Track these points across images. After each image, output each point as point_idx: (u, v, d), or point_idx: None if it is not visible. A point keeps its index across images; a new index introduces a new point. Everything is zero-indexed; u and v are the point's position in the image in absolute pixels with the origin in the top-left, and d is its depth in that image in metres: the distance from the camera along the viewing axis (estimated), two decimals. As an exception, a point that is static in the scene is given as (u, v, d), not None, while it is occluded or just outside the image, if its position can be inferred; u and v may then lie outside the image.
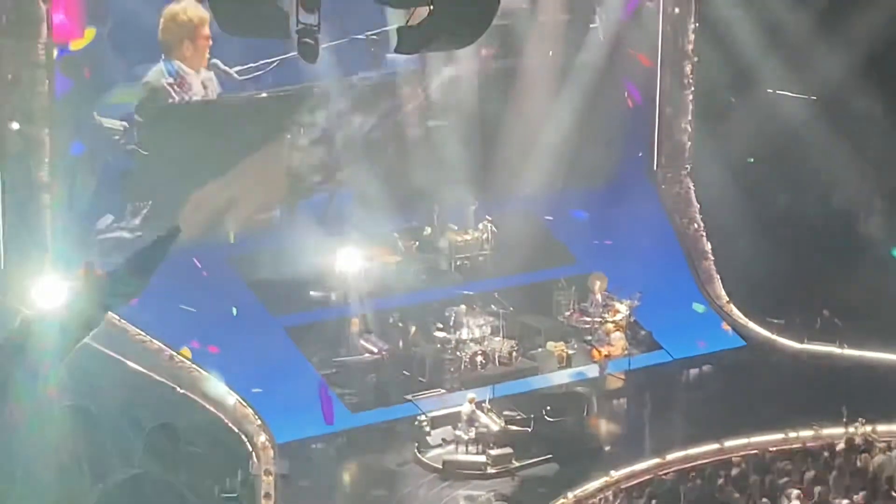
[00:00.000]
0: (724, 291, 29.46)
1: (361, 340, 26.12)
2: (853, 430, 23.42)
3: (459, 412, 24.25)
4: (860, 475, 22.02)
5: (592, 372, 26.94)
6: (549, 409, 24.74)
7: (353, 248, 27.61)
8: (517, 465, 23.67)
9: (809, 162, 29.90)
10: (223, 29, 14.24)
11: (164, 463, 14.08)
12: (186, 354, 24.65)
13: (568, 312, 28.14)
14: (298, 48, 14.56)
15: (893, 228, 30.39)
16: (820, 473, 21.96)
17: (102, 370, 22.34)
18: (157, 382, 23.47)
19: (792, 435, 23.69)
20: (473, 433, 23.92)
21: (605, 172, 29.82)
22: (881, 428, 23.61)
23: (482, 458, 23.64)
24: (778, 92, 30.76)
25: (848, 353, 27.46)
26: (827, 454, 22.69)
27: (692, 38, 30.29)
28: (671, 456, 23.29)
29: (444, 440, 24.24)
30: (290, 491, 22.29)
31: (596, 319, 27.70)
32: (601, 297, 28.01)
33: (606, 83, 29.87)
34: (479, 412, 24.16)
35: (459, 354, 26.30)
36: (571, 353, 27.25)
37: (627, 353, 27.33)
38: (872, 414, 23.74)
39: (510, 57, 29.17)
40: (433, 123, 28.13)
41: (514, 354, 26.79)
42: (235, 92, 27.04)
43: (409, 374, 26.19)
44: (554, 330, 27.86)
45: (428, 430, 24.24)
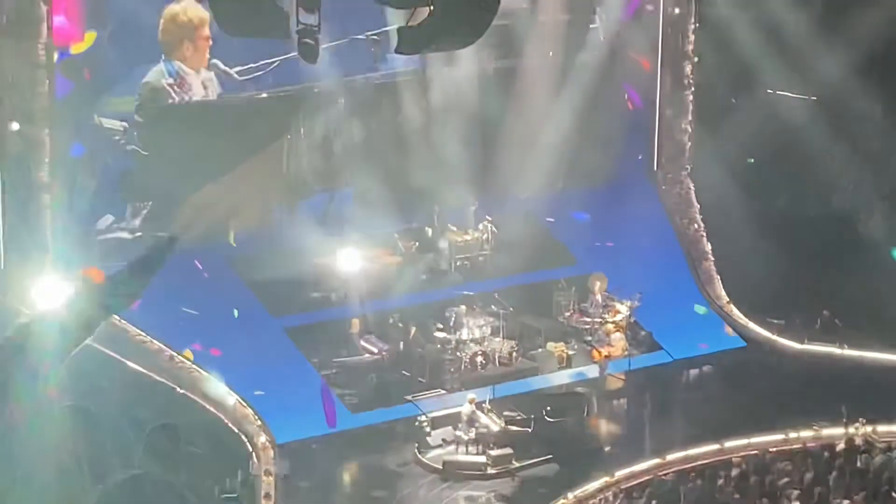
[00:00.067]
0: (724, 292, 29.44)
1: (362, 341, 26.10)
2: (853, 430, 23.42)
3: (460, 413, 24.22)
4: (860, 476, 22.00)
5: (593, 372, 26.92)
6: (549, 409, 24.69)
7: (353, 248, 27.62)
8: (517, 465, 23.64)
9: (809, 162, 29.89)
10: (223, 29, 14.25)
11: (164, 463, 14.10)
12: (188, 356, 24.64)
13: (568, 313, 28.12)
14: (298, 49, 14.57)
15: (893, 229, 30.37)
16: (820, 474, 21.95)
17: (102, 370, 22.37)
18: (157, 383, 23.44)
19: (792, 435, 23.67)
20: (474, 434, 23.89)
21: (605, 173, 29.80)
22: (881, 428, 23.61)
23: (482, 458, 23.60)
24: (778, 92, 30.75)
25: (848, 353, 27.43)
26: (827, 455, 22.67)
27: (692, 38, 30.30)
28: (671, 456, 23.27)
29: (444, 440, 24.21)
30: (290, 491, 22.27)
31: (596, 320, 27.68)
32: (601, 297, 27.99)
33: (607, 83, 29.87)
34: (479, 413, 24.13)
35: (459, 355, 26.28)
36: (571, 353, 27.24)
37: (627, 353, 27.31)
38: (873, 414, 23.74)
39: (510, 57, 29.15)
40: (433, 124, 28.09)
41: (514, 355, 26.77)
42: (235, 92, 27.02)
43: (409, 374, 26.17)
44: (554, 330, 27.84)
45: (428, 430, 24.20)
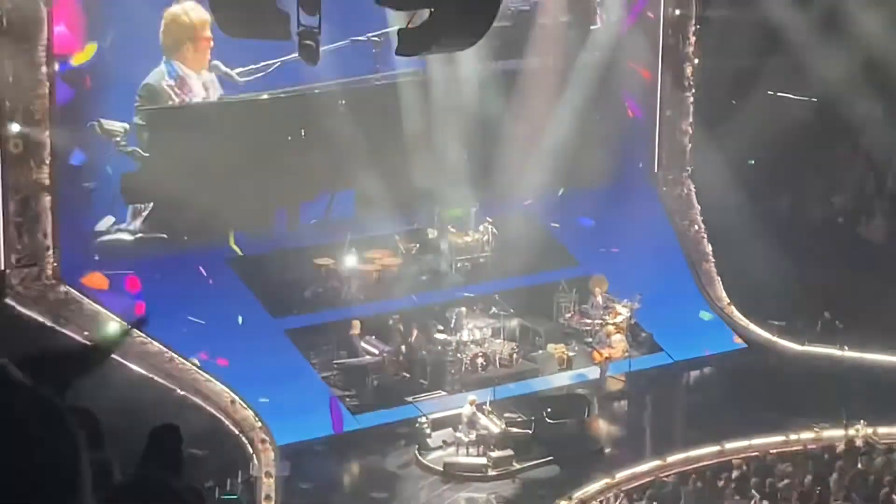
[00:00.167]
0: (724, 293, 29.46)
1: (362, 342, 26.08)
2: (854, 432, 23.42)
3: (460, 414, 24.21)
4: (861, 477, 22.00)
5: (593, 374, 26.91)
6: (549, 411, 24.68)
7: (353, 249, 27.63)
8: (518, 467, 23.64)
9: (810, 164, 29.89)
10: (224, 31, 14.26)
11: (165, 464, 14.08)
12: (193, 364, 24.59)
13: (569, 314, 28.12)
14: (299, 50, 14.58)
15: (894, 230, 30.39)
16: (820, 476, 21.94)
17: (102, 372, 22.34)
18: (156, 384, 23.41)
19: (792, 437, 23.68)
20: (474, 435, 23.89)
21: (605, 174, 29.81)
22: (882, 430, 23.60)
23: (483, 460, 23.60)
24: (779, 94, 30.76)
25: (849, 355, 27.43)
26: (827, 456, 22.67)
27: (693, 40, 30.31)
28: (672, 458, 23.28)
29: (444, 442, 24.20)
30: (290, 493, 22.26)
31: (596, 321, 27.67)
32: (602, 299, 27.98)
33: (607, 85, 29.88)
34: (479, 414, 24.13)
35: (460, 356, 26.27)
36: (572, 355, 27.24)
37: (628, 355, 27.30)
38: (873, 416, 23.73)
39: (511, 59, 29.15)
40: (433, 125, 28.09)
41: (514, 356, 26.76)
42: (236, 94, 27.01)
43: (409, 376, 26.17)
44: (554, 332, 27.84)
45: (428, 432, 24.19)
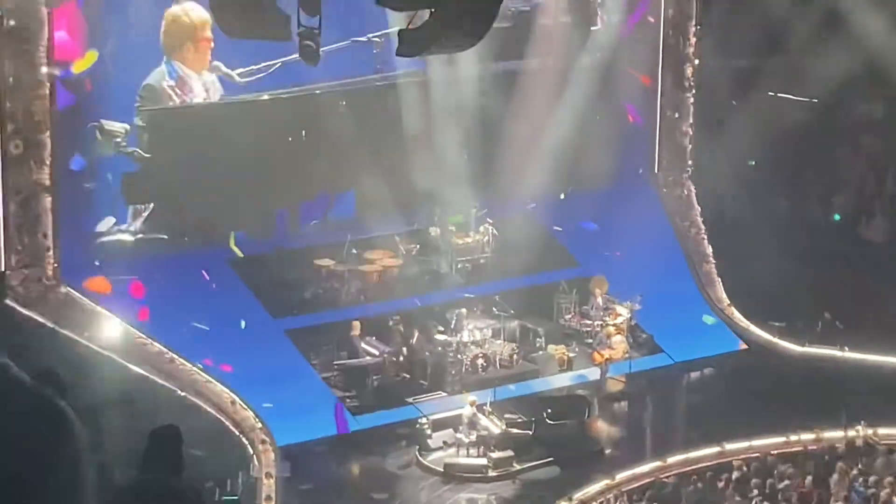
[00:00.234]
0: (724, 294, 29.44)
1: (362, 343, 26.07)
2: (854, 433, 23.41)
3: (460, 415, 24.20)
4: (861, 478, 21.98)
5: (593, 375, 26.91)
6: (549, 412, 24.68)
7: (353, 250, 27.64)
8: (518, 468, 23.63)
9: (811, 164, 29.90)
10: (224, 32, 14.27)
11: (165, 465, 14.05)
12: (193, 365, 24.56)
13: (569, 315, 28.11)
14: (300, 51, 14.60)
15: (894, 231, 30.39)
16: (821, 476, 21.94)
17: (103, 373, 22.36)
18: (157, 384, 23.40)
19: (793, 438, 23.67)
20: (474, 436, 23.88)
21: (606, 176, 29.79)
22: (882, 431, 23.60)
23: (483, 461, 23.59)
24: (779, 94, 30.76)
25: (849, 356, 27.43)
26: (828, 457, 22.67)
27: (693, 41, 30.30)
28: (672, 459, 23.28)
29: (445, 443, 24.20)
30: (290, 494, 22.26)
31: (597, 322, 27.66)
32: (602, 300, 27.98)
33: (608, 86, 29.87)
34: (480, 415, 24.12)
35: (460, 357, 26.27)
36: (572, 355, 27.23)
37: (628, 356, 27.29)
38: (873, 417, 23.73)
39: (512, 60, 29.13)
40: (434, 126, 28.07)
41: (515, 357, 26.75)
42: (237, 94, 27.00)
43: (409, 376, 26.16)
44: (555, 333, 27.83)
45: (429, 432, 24.18)
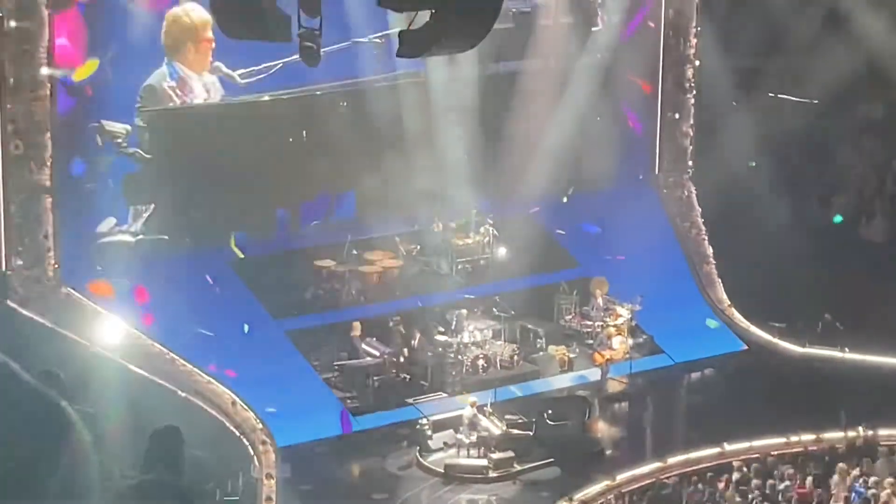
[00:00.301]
0: (725, 295, 29.45)
1: (363, 344, 26.07)
2: (855, 434, 23.41)
3: (461, 416, 24.21)
4: (862, 479, 21.98)
5: (594, 375, 26.92)
6: (550, 412, 24.68)
7: (354, 251, 27.64)
8: (519, 468, 23.62)
9: (811, 165, 29.89)
10: (224, 32, 14.21)
11: (167, 466, 14.10)
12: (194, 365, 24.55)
13: (569, 316, 28.11)
14: (300, 52, 14.55)
15: (895, 232, 30.39)
16: (821, 477, 21.94)
17: (103, 373, 22.37)
18: (158, 385, 23.39)
19: (793, 439, 23.68)
20: (475, 437, 23.89)
21: (606, 177, 29.80)
22: (883, 432, 23.60)
23: (484, 461, 23.60)
24: (780, 96, 30.76)
25: (850, 357, 27.45)
26: (828, 458, 22.67)
27: (694, 42, 30.30)
28: (672, 460, 23.29)
29: (445, 444, 24.20)
30: (291, 495, 22.26)
31: (597, 323, 27.67)
32: (602, 300, 27.98)
33: (609, 87, 29.87)
34: (480, 416, 24.12)
35: (461, 358, 26.27)
36: (573, 356, 27.23)
37: (629, 356, 27.30)
38: (874, 418, 23.73)
39: (512, 61, 29.13)
40: (435, 127, 28.08)
41: (515, 358, 26.76)
42: (238, 95, 27.00)
43: (410, 377, 26.15)
44: (555, 334, 27.84)
45: (429, 433, 24.19)
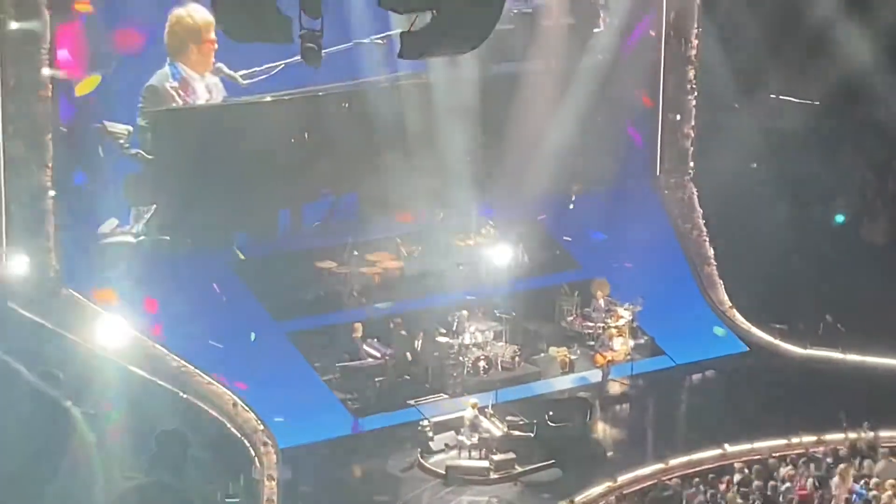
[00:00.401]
0: (726, 297, 29.45)
1: (364, 345, 26.07)
2: (856, 435, 23.40)
3: (462, 417, 24.21)
4: (862, 481, 21.97)
5: (595, 377, 26.92)
6: (551, 414, 24.67)
7: (355, 252, 27.65)
8: (520, 470, 23.62)
9: (812, 167, 29.89)
10: (226, 34, 14.25)
11: (171, 468, 14.11)
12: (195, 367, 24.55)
13: (571, 317, 28.12)
14: (301, 53, 14.57)
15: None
16: (822, 479, 21.92)
17: (105, 375, 22.37)
18: (159, 387, 23.39)
19: (794, 440, 23.67)
20: (476, 438, 23.88)
21: (608, 178, 29.81)
22: (884, 433, 23.59)
23: (485, 463, 23.59)
24: (781, 97, 30.76)
25: (851, 358, 27.44)
26: (830, 460, 22.66)
27: (695, 43, 30.31)
28: (674, 461, 23.29)
29: (446, 445, 24.20)
30: (292, 496, 22.25)
31: (599, 324, 27.67)
32: (604, 302, 27.98)
33: (610, 88, 29.87)
34: (481, 417, 24.12)
35: (462, 359, 26.27)
36: (574, 358, 27.24)
37: (630, 358, 27.30)
38: (875, 419, 23.71)
39: (513, 62, 29.14)
40: (436, 128, 28.08)
41: (516, 359, 26.76)
42: (239, 96, 27.01)
43: (411, 379, 26.15)
44: (557, 335, 27.85)
45: (431, 435, 24.19)
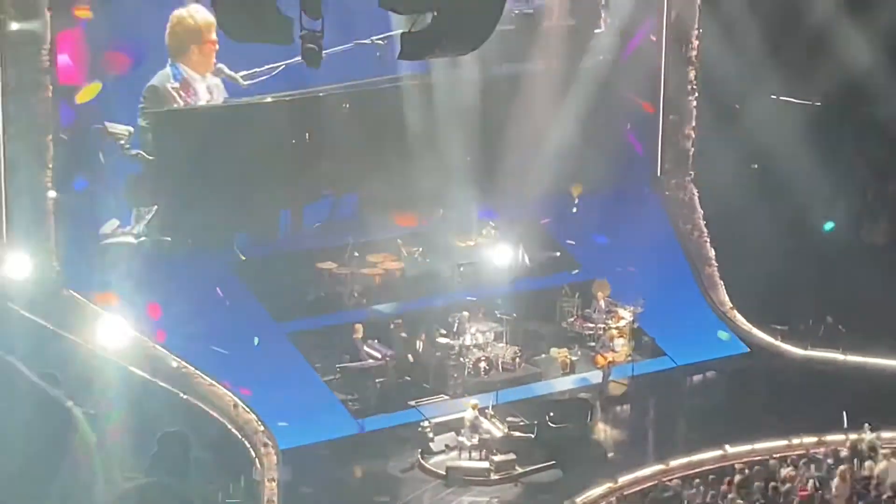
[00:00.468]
0: (727, 298, 29.45)
1: (365, 346, 26.07)
2: (857, 436, 23.40)
3: (463, 418, 24.21)
4: (864, 482, 21.98)
5: (596, 378, 26.91)
6: (552, 415, 24.67)
7: (355, 253, 27.65)
8: (520, 471, 23.61)
9: (813, 168, 29.87)
10: (227, 35, 14.27)
11: (172, 469, 14.07)
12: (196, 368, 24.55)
13: (571, 318, 28.11)
14: (302, 53, 14.58)
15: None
16: (823, 480, 21.92)
17: (105, 375, 22.37)
18: (160, 387, 23.40)
19: (795, 441, 23.67)
20: (477, 439, 23.89)
21: (609, 178, 29.81)
22: (885, 434, 23.59)
23: (485, 464, 23.59)
24: (781, 98, 30.76)
25: (851, 359, 27.45)
26: (831, 460, 22.66)
27: (696, 44, 30.31)
28: (674, 462, 23.29)
29: (447, 446, 24.21)
30: (292, 497, 22.25)
31: (599, 325, 27.66)
32: (604, 303, 27.97)
33: (610, 89, 29.88)
34: (482, 418, 24.13)
35: (463, 360, 26.27)
36: (575, 359, 27.24)
37: (631, 359, 27.30)
38: (876, 420, 23.71)
39: (514, 63, 29.14)
40: (437, 129, 28.09)
41: (517, 360, 26.76)
42: (240, 97, 27.02)
43: (412, 379, 26.15)
44: (557, 336, 27.85)
45: (431, 436, 24.19)
